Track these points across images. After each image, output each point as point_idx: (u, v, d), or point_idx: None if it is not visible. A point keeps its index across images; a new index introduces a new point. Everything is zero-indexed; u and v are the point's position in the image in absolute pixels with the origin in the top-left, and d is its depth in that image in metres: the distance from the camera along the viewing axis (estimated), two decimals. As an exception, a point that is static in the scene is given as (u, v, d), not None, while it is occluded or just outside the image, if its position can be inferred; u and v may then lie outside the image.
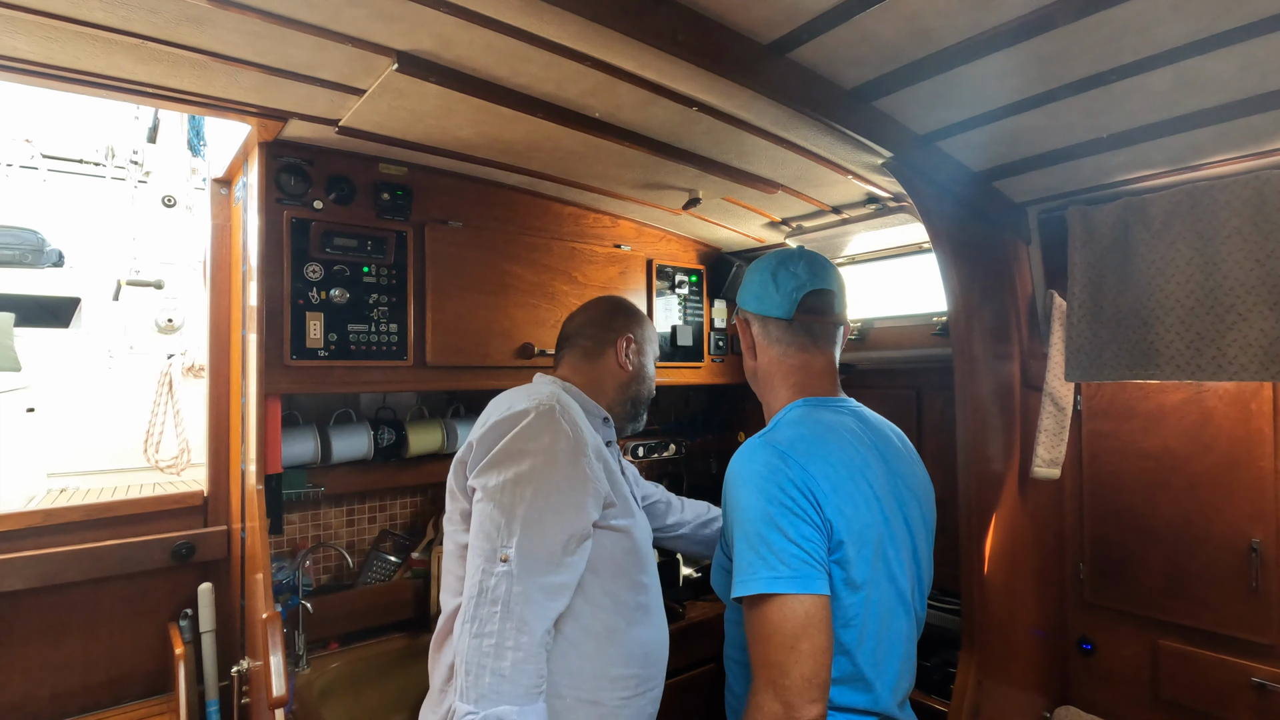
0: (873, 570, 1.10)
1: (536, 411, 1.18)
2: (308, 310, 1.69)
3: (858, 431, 1.21)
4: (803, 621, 0.98)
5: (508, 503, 1.11)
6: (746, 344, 1.34)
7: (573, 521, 1.14)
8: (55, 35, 1.15)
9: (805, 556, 1.01)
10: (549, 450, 1.15)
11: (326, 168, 1.74)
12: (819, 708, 0.97)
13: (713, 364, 2.62)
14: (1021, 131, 1.39)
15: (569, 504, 1.14)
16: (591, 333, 1.46)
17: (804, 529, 1.03)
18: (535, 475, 1.13)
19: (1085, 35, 1.04)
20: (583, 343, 1.46)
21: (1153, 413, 1.78)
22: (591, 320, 1.48)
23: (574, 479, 1.16)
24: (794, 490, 1.05)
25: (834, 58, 1.18)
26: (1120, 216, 1.58)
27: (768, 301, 1.27)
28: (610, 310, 1.50)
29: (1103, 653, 1.88)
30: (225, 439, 1.99)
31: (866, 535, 1.09)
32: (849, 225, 2.11)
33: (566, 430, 1.18)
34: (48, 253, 4.41)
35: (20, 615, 1.73)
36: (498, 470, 1.14)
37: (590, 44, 1.14)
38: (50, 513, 1.78)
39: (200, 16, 1.10)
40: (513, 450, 1.15)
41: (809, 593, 1.00)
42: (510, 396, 1.29)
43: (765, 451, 1.11)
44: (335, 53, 1.23)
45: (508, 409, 1.21)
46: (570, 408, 1.25)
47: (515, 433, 1.16)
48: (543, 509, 1.12)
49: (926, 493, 1.28)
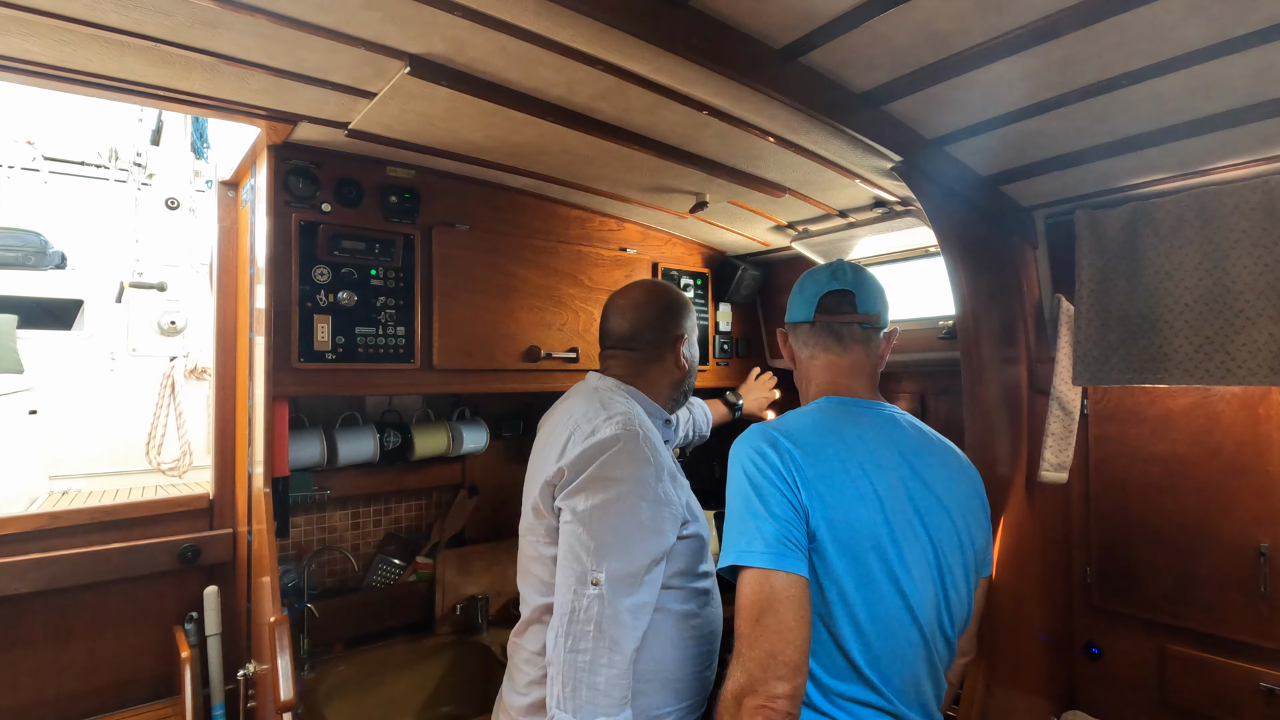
0: (864, 567, 1.08)
1: (624, 439, 1.22)
2: (315, 313, 1.69)
3: (883, 435, 1.19)
4: (768, 596, 1.00)
5: (597, 528, 1.17)
6: (788, 353, 1.38)
7: (655, 545, 1.20)
8: (68, 38, 1.15)
9: (779, 533, 1.03)
10: (635, 479, 1.20)
11: (335, 170, 1.74)
12: (786, 685, 0.96)
13: (717, 367, 2.62)
14: (1031, 136, 1.40)
15: (652, 529, 1.20)
16: (651, 337, 1.45)
17: (782, 507, 1.05)
18: (622, 502, 1.18)
19: (1097, 40, 1.04)
20: (642, 347, 1.45)
21: (1160, 417, 1.78)
22: (649, 324, 1.46)
23: (657, 505, 1.21)
24: (773, 473, 1.08)
25: (846, 62, 1.18)
26: (1128, 221, 1.58)
27: (794, 309, 1.32)
28: (665, 310, 1.48)
29: (1110, 657, 1.87)
30: (231, 442, 1.99)
31: (853, 531, 1.08)
32: (855, 229, 2.11)
33: (648, 456, 1.23)
34: (50, 255, 4.40)
35: (26, 619, 1.73)
36: (586, 495, 1.19)
37: (603, 47, 1.14)
38: (56, 515, 1.78)
39: (213, 19, 1.10)
40: (601, 477, 1.20)
41: (779, 569, 1.01)
42: (589, 412, 1.30)
43: (757, 435, 1.14)
44: (347, 56, 1.23)
45: (591, 433, 1.24)
46: (647, 427, 1.29)
47: (604, 460, 1.21)
48: (629, 535, 1.18)
49: (969, 513, 1.24)
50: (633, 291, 1.50)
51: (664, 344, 1.46)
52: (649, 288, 1.52)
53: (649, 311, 1.46)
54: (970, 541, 1.24)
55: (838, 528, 1.07)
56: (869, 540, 1.10)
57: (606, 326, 1.49)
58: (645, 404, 1.41)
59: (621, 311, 1.48)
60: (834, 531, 1.07)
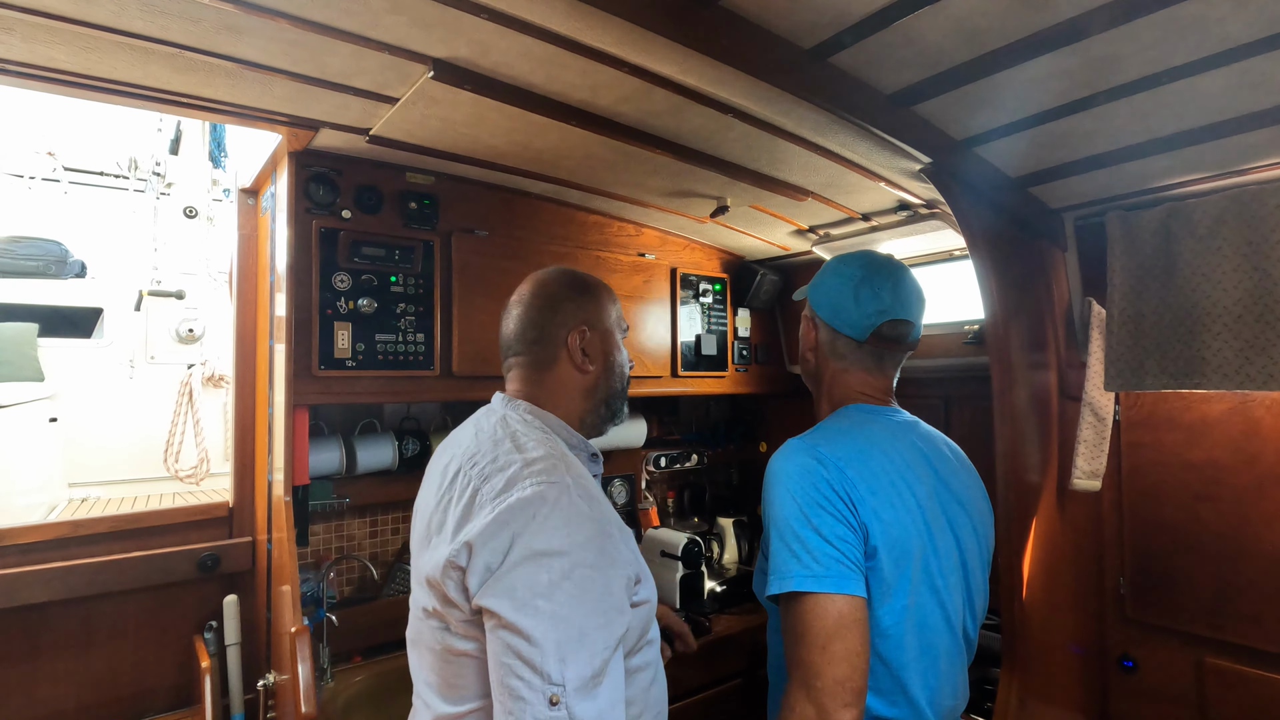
0: (911, 581, 1.08)
1: (553, 497, 0.91)
2: (336, 320, 1.68)
3: (909, 442, 1.18)
4: (836, 622, 0.97)
5: (544, 629, 0.84)
6: (809, 342, 1.28)
7: (617, 626, 0.91)
8: (94, 45, 1.15)
9: (840, 556, 1.00)
10: (576, 545, 0.89)
11: (355, 177, 1.73)
12: (852, 712, 0.95)
13: (736, 374, 2.59)
14: (1062, 136, 1.37)
15: (610, 606, 0.90)
16: (535, 335, 1.13)
17: (839, 529, 1.02)
18: (568, 581, 0.87)
19: (1140, 35, 1.01)
20: (527, 349, 1.13)
21: (1195, 424, 1.74)
22: (532, 318, 1.14)
23: (606, 573, 0.91)
24: (829, 491, 1.04)
25: (876, 62, 1.16)
26: (1163, 222, 1.55)
27: (843, 317, 1.20)
28: (551, 297, 1.14)
29: (1145, 670, 1.82)
30: (250, 450, 1.98)
31: (906, 545, 1.07)
32: (878, 233, 2.08)
33: (586, 510, 0.93)
34: (70, 264, 4.45)
35: (47, 627, 1.72)
36: (516, 587, 0.86)
37: (630, 48, 1.12)
38: (77, 524, 1.78)
39: (238, 25, 1.10)
40: (532, 554, 0.87)
41: (843, 593, 0.98)
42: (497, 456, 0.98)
43: (804, 452, 1.09)
44: (371, 60, 1.22)
45: (505, 491, 0.92)
46: (572, 466, 1.00)
47: (532, 530, 0.88)
48: (585, 624, 0.87)
49: (982, 514, 1.25)
50: (522, 285, 1.19)
51: (553, 341, 1.13)
52: (538, 275, 1.19)
53: (532, 302, 1.15)
54: (986, 539, 1.26)
55: (893, 544, 1.06)
56: (918, 554, 1.09)
57: (501, 334, 1.19)
58: (566, 434, 1.11)
59: (507, 313, 1.18)
60: (890, 548, 1.05)
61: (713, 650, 2.07)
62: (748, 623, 2.22)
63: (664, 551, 2.28)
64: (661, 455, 2.72)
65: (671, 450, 2.76)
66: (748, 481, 3.01)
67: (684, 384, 2.40)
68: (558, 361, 1.13)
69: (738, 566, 2.63)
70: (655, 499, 2.74)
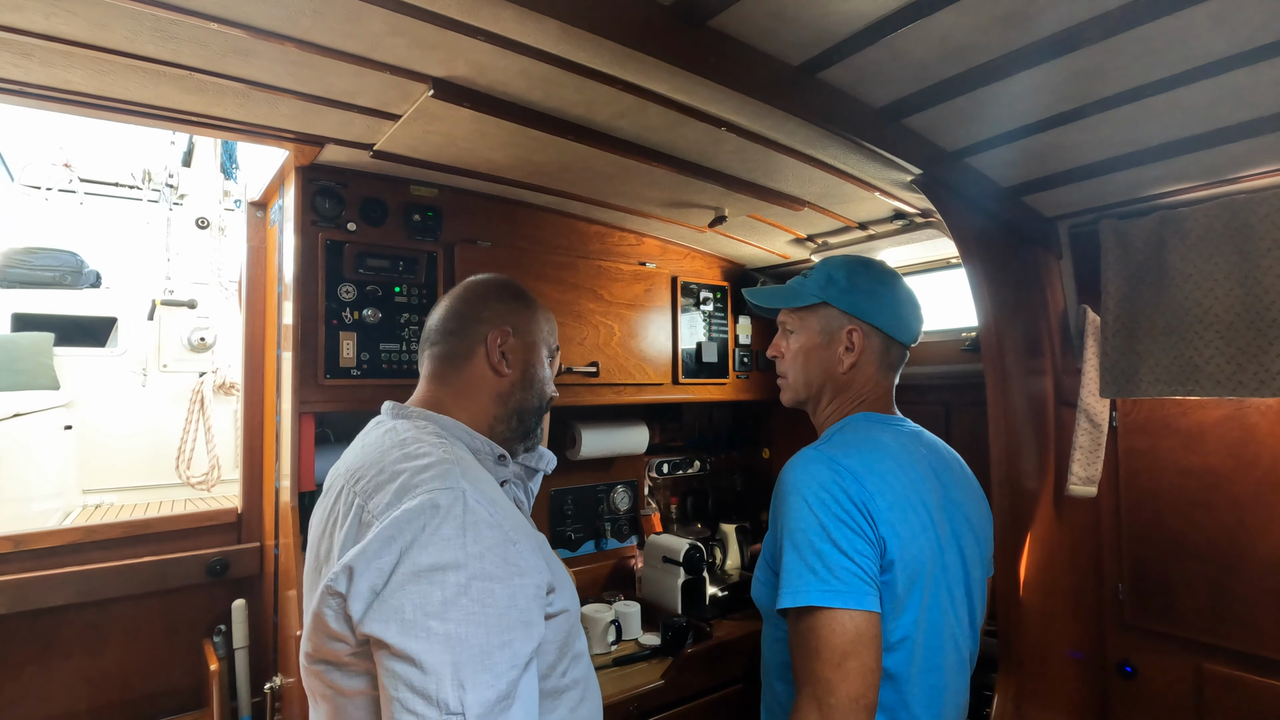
0: (922, 596, 1.07)
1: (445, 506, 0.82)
2: (341, 330, 1.72)
3: (917, 452, 1.19)
4: (853, 638, 0.96)
5: (433, 653, 0.75)
6: (856, 352, 1.22)
7: (525, 644, 0.81)
8: (108, 68, 1.20)
9: (858, 570, 0.99)
10: (474, 556, 0.81)
11: (360, 190, 1.77)
12: None
13: (737, 380, 2.61)
14: (1053, 146, 1.39)
15: (515, 622, 0.81)
16: (453, 327, 1.09)
17: (857, 542, 1.00)
18: (465, 595, 0.78)
19: (1120, 51, 1.03)
20: (443, 340, 1.10)
21: (1192, 430, 1.75)
22: (455, 309, 1.11)
23: (512, 585, 0.82)
24: (848, 503, 1.02)
25: (864, 77, 1.19)
26: (1155, 230, 1.56)
27: (901, 325, 1.25)
28: (480, 295, 1.13)
29: (1145, 676, 1.83)
30: (259, 457, 2.02)
31: (919, 559, 1.07)
32: (875, 241, 2.10)
33: (486, 516, 0.84)
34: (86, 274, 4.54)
35: (62, 630, 1.77)
36: (402, 610, 0.77)
37: (622, 68, 1.15)
38: (90, 529, 1.82)
39: (246, 48, 1.14)
40: (418, 572, 0.78)
41: (860, 609, 0.97)
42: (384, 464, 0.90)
43: (821, 463, 1.08)
44: (373, 80, 1.26)
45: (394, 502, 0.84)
46: (470, 469, 0.91)
47: (417, 545, 0.79)
48: (485, 644, 0.78)
49: (984, 526, 1.26)
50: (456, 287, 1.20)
51: (471, 335, 1.08)
52: (477, 276, 1.20)
53: (462, 295, 1.13)
54: (987, 551, 1.26)
55: (907, 558, 1.05)
56: (930, 568, 1.08)
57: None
58: (466, 436, 1.03)
59: (432, 312, 1.16)
60: (905, 562, 1.04)
61: (714, 655, 2.09)
62: (749, 628, 2.23)
63: (666, 557, 2.30)
64: (664, 461, 2.74)
65: (674, 457, 2.78)
66: (750, 488, 3.03)
67: (685, 391, 2.43)
68: (473, 356, 1.09)
69: (740, 572, 2.64)
70: (658, 505, 2.76)
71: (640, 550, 2.56)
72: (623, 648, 2.09)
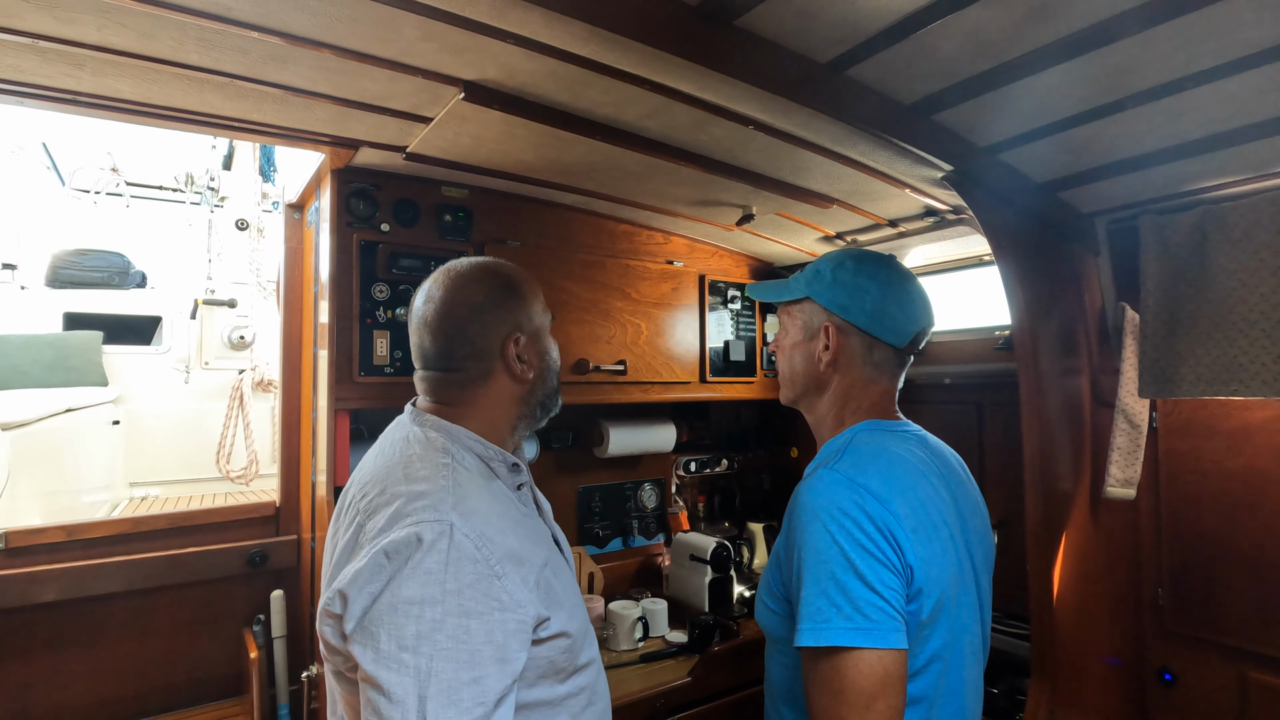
0: (949, 618, 1.02)
1: (426, 540, 0.85)
2: (375, 328, 1.76)
3: (926, 461, 1.13)
4: (881, 679, 0.89)
5: (403, 684, 0.80)
6: (834, 351, 1.16)
7: (496, 681, 0.85)
8: (154, 77, 1.24)
9: (885, 606, 0.92)
10: (452, 592, 0.84)
11: (393, 192, 1.81)
12: None
13: (765, 379, 2.60)
14: (1089, 141, 1.36)
15: (488, 659, 0.84)
16: (465, 352, 1.06)
17: (884, 574, 0.93)
18: (436, 635, 0.82)
19: (1157, 43, 1.01)
20: (455, 368, 1.07)
21: (1236, 431, 1.69)
22: (458, 330, 1.06)
23: (490, 621, 0.85)
24: (873, 530, 0.95)
25: (893, 74, 1.18)
26: (1197, 226, 1.52)
27: (885, 323, 1.14)
28: (476, 306, 1.07)
29: (1186, 684, 1.78)
30: (296, 452, 2.08)
31: (944, 581, 1.01)
32: (905, 239, 2.08)
33: (471, 551, 0.87)
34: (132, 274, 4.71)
35: (112, 616, 1.85)
36: (379, 639, 0.82)
37: (650, 69, 1.16)
38: (138, 520, 1.90)
39: (284, 55, 1.18)
40: (397, 604, 0.82)
41: (889, 647, 0.90)
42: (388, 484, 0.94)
43: (840, 485, 1.00)
44: (406, 84, 1.29)
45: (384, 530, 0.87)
46: (472, 505, 0.92)
47: (400, 578, 0.83)
48: (453, 680, 0.81)
49: (985, 523, 1.20)
50: (432, 287, 1.09)
51: (487, 357, 1.07)
52: (452, 281, 1.09)
53: (456, 316, 1.06)
54: (990, 557, 1.20)
55: (933, 585, 0.99)
56: (954, 589, 1.04)
57: (413, 341, 1.11)
58: (479, 448, 1.03)
59: (422, 321, 1.08)
60: (931, 591, 0.99)
61: (741, 654, 2.09)
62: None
63: (693, 555, 2.31)
64: (691, 460, 2.74)
65: (701, 455, 2.78)
66: (778, 486, 3.02)
67: (712, 389, 2.43)
68: (491, 375, 1.08)
69: (767, 571, 2.63)
70: (685, 503, 2.77)
71: (667, 548, 2.57)
72: (649, 644, 2.10)
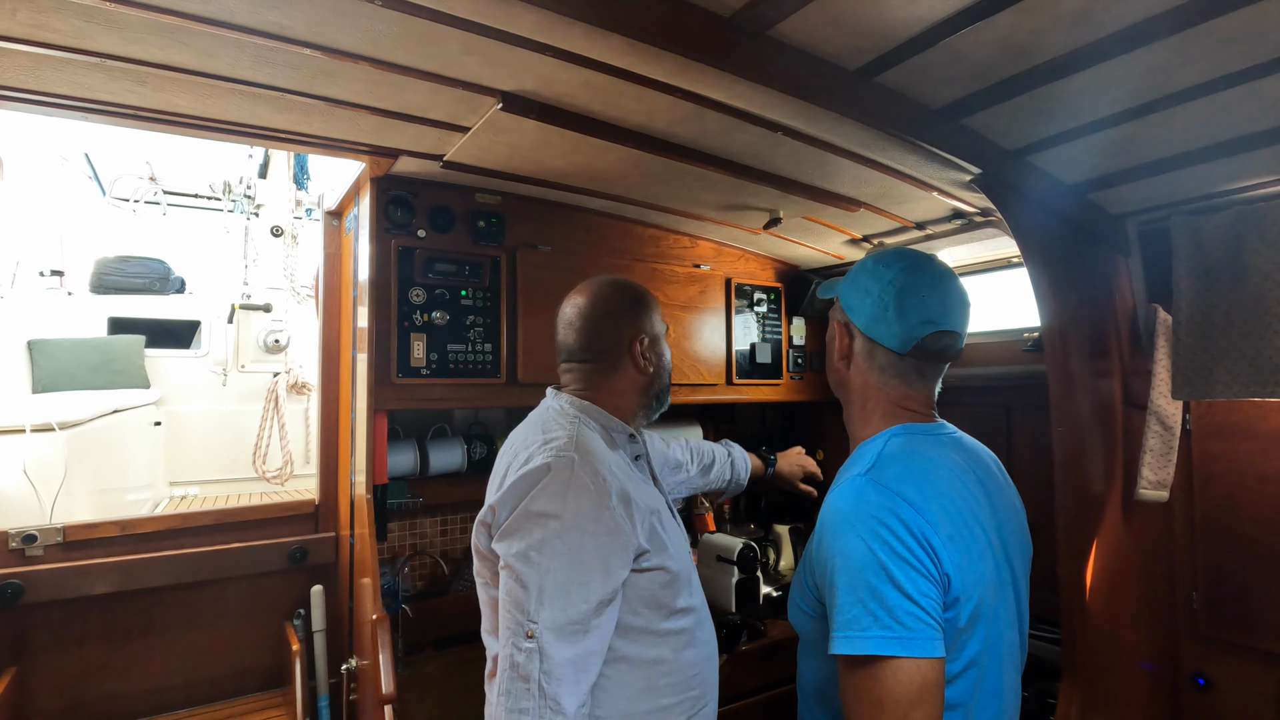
0: (987, 625, 1.01)
1: (556, 468, 1.11)
2: (412, 332, 1.81)
3: (962, 464, 1.10)
4: (919, 689, 0.88)
5: (529, 574, 1.05)
6: (842, 350, 1.17)
7: (599, 587, 1.08)
8: (211, 92, 1.31)
9: (921, 614, 0.90)
10: (573, 511, 1.08)
11: (429, 199, 1.87)
12: None
13: (791, 381, 2.62)
14: (1120, 143, 1.36)
15: (594, 569, 1.08)
16: (601, 346, 1.31)
17: (921, 583, 0.91)
18: (559, 540, 1.06)
19: (1189, 46, 1.02)
20: (596, 358, 1.32)
21: (1272, 433, 1.67)
22: (598, 332, 1.31)
23: (599, 539, 1.09)
24: (909, 538, 0.93)
25: (922, 79, 1.19)
26: (1231, 226, 1.51)
27: (882, 327, 1.10)
28: (612, 314, 1.32)
29: (1220, 689, 1.75)
30: (334, 451, 2.14)
31: (982, 587, 0.99)
32: (933, 241, 2.08)
33: (588, 484, 1.11)
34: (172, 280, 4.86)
35: (161, 609, 1.92)
36: (516, 538, 1.08)
37: (682, 78, 1.20)
38: (186, 516, 1.97)
39: (333, 70, 1.23)
40: (531, 514, 1.08)
41: (926, 656, 0.89)
42: (529, 438, 1.20)
43: (875, 492, 0.98)
44: (446, 95, 1.34)
45: (525, 463, 1.13)
46: (592, 451, 1.16)
47: (535, 494, 1.09)
48: (566, 579, 1.06)
49: (1023, 525, 1.18)
50: (577, 297, 1.36)
51: (618, 351, 1.32)
52: (594, 292, 1.35)
53: (596, 318, 1.32)
54: (1028, 559, 1.18)
55: (970, 591, 0.98)
56: (992, 595, 1.02)
57: (557, 340, 1.36)
58: (604, 419, 1.28)
59: (568, 323, 1.34)
60: (968, 597, 0.97)
61: (768, 654, 2.10)
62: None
63: (720, 556, 2.32)
64: (717, 461, 2.76)
65: (727, 457, 2.80)
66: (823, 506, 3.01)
67: (739, 392, 2.45)
68: (621, 366, 1.32)
69: (793, 572, 2.64)
70: (711, 505, 2.78)
71: (694, 549, 2.58)
72: (677, 643, 2.12)
